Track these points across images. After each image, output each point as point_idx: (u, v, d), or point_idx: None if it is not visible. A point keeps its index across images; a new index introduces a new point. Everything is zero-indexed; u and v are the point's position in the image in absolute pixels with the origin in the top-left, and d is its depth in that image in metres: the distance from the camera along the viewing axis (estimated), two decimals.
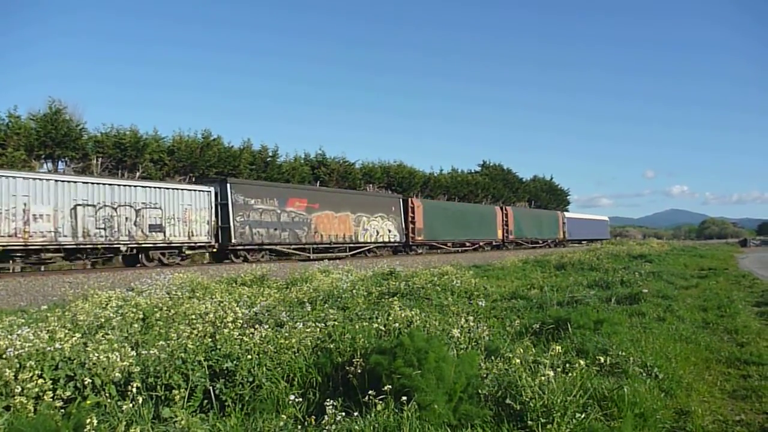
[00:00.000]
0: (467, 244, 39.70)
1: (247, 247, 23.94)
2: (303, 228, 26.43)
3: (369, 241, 30.55)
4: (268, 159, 36.57)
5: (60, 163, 27.66)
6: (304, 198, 26.90)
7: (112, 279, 16.08)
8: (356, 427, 3.99)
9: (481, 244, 41.44)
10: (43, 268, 18.98)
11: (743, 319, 9.56)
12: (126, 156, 28.99)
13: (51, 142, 26.27)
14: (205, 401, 4.62)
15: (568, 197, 74.85)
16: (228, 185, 23.36)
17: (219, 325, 6.10)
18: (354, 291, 9.57)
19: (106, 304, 7.98)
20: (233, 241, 23.20)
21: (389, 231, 32.09)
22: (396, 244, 33.41)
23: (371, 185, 43.25)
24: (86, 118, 58.40)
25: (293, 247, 25.90)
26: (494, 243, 43.50)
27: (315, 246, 27.00)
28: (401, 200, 34.21)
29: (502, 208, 45.38)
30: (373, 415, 4.10)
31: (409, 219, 33.94)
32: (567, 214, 58.59)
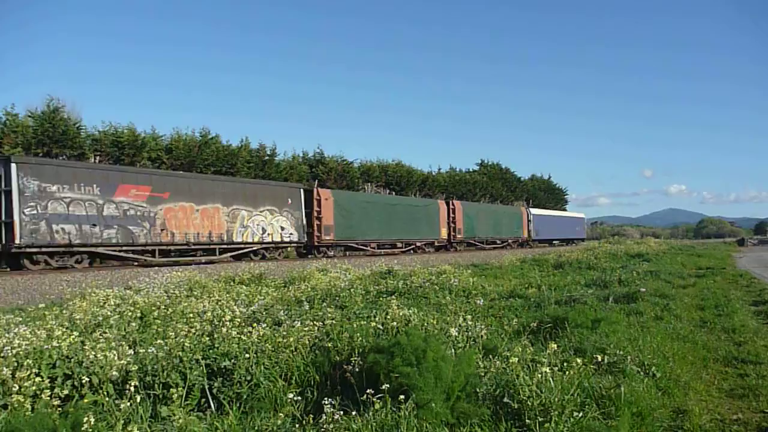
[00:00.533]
0: (399, 245, 33.83)
1: (45, 249, 18.15)
2: (142, 224, 20.61)
3: (250, 241, 24.57)
4: (266, 158, 36.58)
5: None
6: (146, 185, 20.90)
7: (109, 277, 16.06)
8: (354, 425, 3.99)
9: (418, 244, 35.39)
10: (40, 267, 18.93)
11: (741, 318, 9.58)
12: (124, 154, 28.97)
13: (48, 140, 26.23)
14: (203, 400, 4.62)
15: (566, 196, 74.99)
16: (13, 166, 17.67)
17: (217, 323, 6.10)
18: (352, 290, 9.58)
19: (104, 303, 7.97)
20: (19, 241, 17.44)
21: (282, 229, 26.01)
22: (295, 245, 27.66)
23: (369, 184, 43.26)
24: (84, 117, 58.39)
25: (125, 249, 20.13)
26: (437, 243, 37.35)
27: (163, 248, 21.31)
28: (302, 191, 27.79)
29: (448, 203, 39.33)
30: (371, 413, 4.10)
31: (315, 214, 27.77)
32: (533, 211, 51.89)
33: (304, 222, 27.35)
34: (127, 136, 29.15)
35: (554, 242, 55.22)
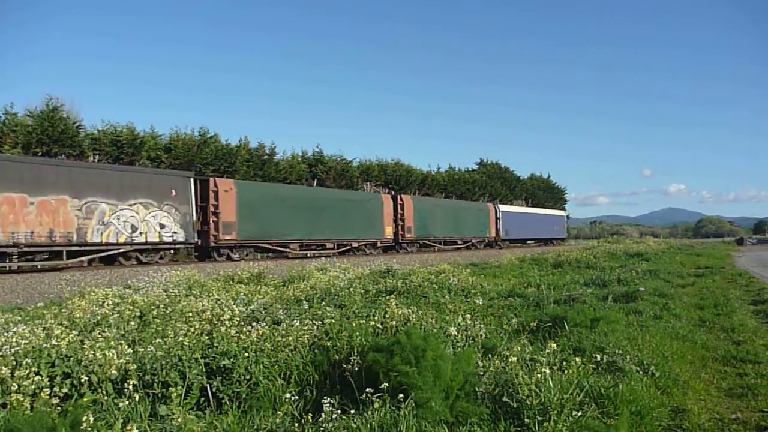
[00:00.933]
0: (329, 245, 29.05)
1: None
2: None
3: (113, 242, 19.79)
4: (265, 157, 36.57)
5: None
6: None
7: (108, 276, 16.05)
8: (353, 424, 3.99)
9: (355, 245, 30.77)
10: (39, 266, 18.93)
11: (739, 318, 9.59)
12: (123, 153, 28.96)
13: (48, 140, 26.22)
14: (202, 399, 4.62)
15: (565, 195, 75.03)
16: None
17: (216, 322, 6.10)
18: (351, 289, 9.58)
19: (103, 302, 7.97)
20: None
21: (161, 227, 21.25)
22: (181, 246, 22.49)
23: (368, 183, 43.26)
24: (84, 116, 58.35)
25: None
26: (381, 244, 32.46)
27: None
28: (193, 180, 22.69)
29: (395, 197, 34.38)
30: (370, 412, 4.10)
31: (211, 209, 22.98)
32: (502, 208, 46.72)
33: (195, 218, 22.41)
34: (126, 135, 29.14)
35: (529, 242, 51.12)
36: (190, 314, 6.62)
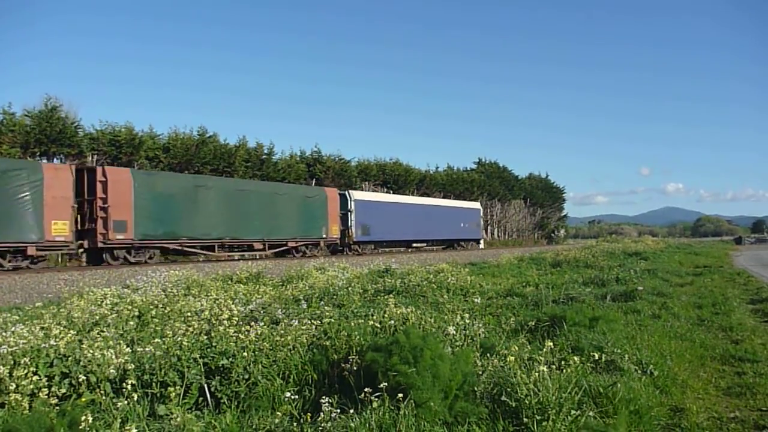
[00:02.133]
0: None
1: None
2: None
3: None
4: (264, 156, 36.59)
5: (55, 159, 27.61)
6: None
7: (107, 276, 16.02)
8: (352, 424, 3.99)
9: None
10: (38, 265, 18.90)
11: (738, 317, 9.60)
12: (121, 153, 28.94)
13: (46, 139, 26.20)
14: (201, 398, 4.62)
15: (563, 194, 75.08)
16: None
17: (215, 322, 6.09)
18: (350, 288, 9.58)
19: (102, 302, 7.95)
20: None
21: None
22: None
23: (366, 183, 43.25)
24: (82, 116, 58.29)
25: None
26: (36, 251, 18.47)
27: None
28: None
29: (82, 170, 20.60)
30: (368, 412, 4.09)
31: None
32: (358, 195, 31.87)
33: None
34: (124, 135, 29.14)
35: (418, 245, 36.91)
36: (189, 314, 6.61)
